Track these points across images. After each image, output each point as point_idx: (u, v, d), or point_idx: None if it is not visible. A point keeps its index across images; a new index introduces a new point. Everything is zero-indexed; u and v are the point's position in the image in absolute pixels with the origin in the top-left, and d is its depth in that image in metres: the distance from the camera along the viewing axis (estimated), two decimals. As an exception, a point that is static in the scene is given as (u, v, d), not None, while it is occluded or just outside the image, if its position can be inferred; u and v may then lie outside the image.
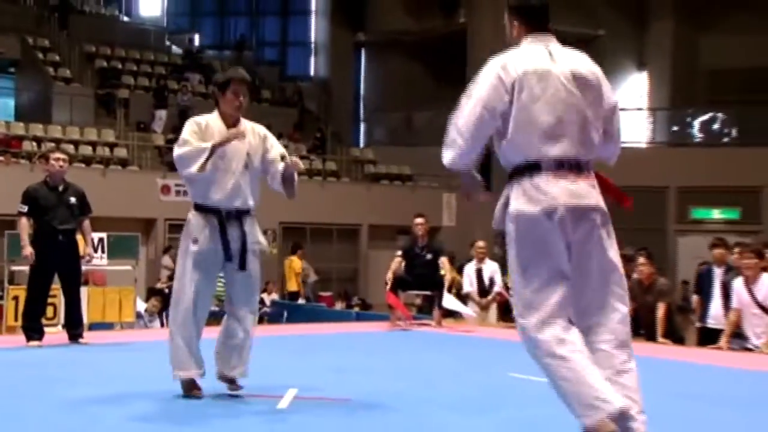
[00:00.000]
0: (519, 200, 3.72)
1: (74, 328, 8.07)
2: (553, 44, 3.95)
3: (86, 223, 8.18)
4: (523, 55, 3.87)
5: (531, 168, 3.72)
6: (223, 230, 5.08)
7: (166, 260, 17.05)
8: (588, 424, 3.58)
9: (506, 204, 3.82)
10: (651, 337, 9.33)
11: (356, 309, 17.76)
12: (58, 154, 8.14)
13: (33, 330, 7.81)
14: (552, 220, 3.62)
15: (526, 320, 3.66)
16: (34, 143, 19.78)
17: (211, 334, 5.30)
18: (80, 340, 7.98)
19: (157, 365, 7.07)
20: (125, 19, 31.38)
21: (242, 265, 5.10)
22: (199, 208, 5.24)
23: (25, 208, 7.83)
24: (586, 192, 3.75)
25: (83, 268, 8.41)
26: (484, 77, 3.92)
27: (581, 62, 3.90)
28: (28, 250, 7.72)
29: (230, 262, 5.08)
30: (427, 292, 10.84)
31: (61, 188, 7.95)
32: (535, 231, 3.65)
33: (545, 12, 4.14)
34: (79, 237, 8.09)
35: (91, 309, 9.30)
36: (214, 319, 13.67)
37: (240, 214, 5.18)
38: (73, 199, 7.95)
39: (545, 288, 3.62)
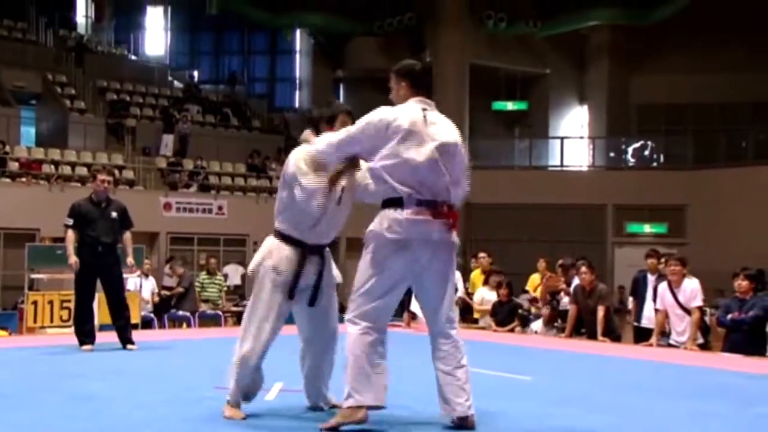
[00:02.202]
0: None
1: (124, 334, 7.71)
2: (431, 111, 4.16)
3: (127, 235, 7.94)
4: (405, 111, 4.08)
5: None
6: (300, 265, 4.39)
7: (167, 269, 16.91)
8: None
9: None
10: (592, 335, 9.37)
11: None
12: (103, 176, 7.90)
13: (84, 335, 7.59)
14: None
15: None
16: (52, 166, 19.61)
17: (210, 334, 5.24)
18: (128, 346, 7.61)
19: (161, 362, 7.04)
20: (133, 57, 31.20)
21: (312, 302, 4.49)
22: (285, 238, 4.44)
23: (71, 222, 7.64)
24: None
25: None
26: (373, 118, 4.10)
27: (448, 131, 4.16)
28: (72, 259, 7.50)
29: (292, 299, 4.41)
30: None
31: (104, 204, 7.76)
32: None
33: (430, 82, 4.40)
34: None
35: (102, 312, 9.20)
36: (212, 321, 13.60)
37: (322, 249, 4.60)
38: (114, 214, 7.75)
39: None
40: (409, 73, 4.29)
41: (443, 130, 4.11)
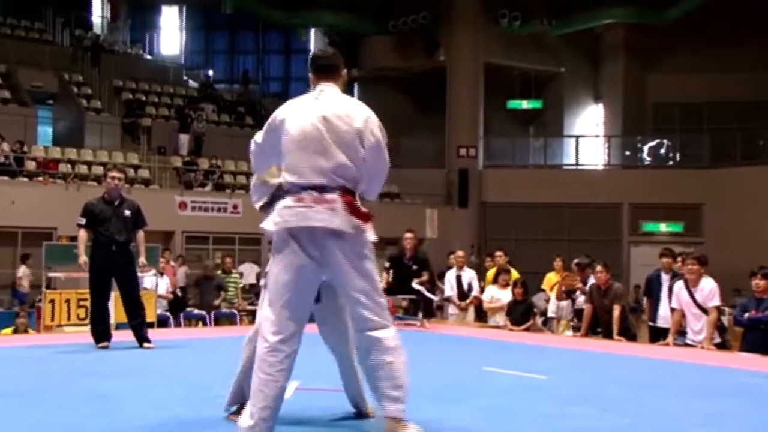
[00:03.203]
0: None
1: (139, 333, 7.68)
2: (329, 91, 3.92)
3: (140, 234, 7.90)
4: (295, 101, 3.94)
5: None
6: None
7: (183, 268, 16.97)
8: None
9: None
10: (608, 334, 9.33)
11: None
12: (114, 173, 7.90)
13: (100, 333, 7.59)
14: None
15: None
16: (69, 165, 19.70)
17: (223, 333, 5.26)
18: (145, 344, 7.57)
19: (176, 361, 7.07)
20: (148, 57, 31.33)
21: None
22: None
23: (83, 221, 7.64)
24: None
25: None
26: (268, 122, 3.97)
27: (340, 107, 3.83)
28: (82, 259, 7.52)
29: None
30: (413, 297, 10.81)
31: (116, 203, 7.71)
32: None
33: (330, 65, 4.04)
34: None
35: (118, 310, 9.24)
36: (227, 319, 13.61)
37: None
38: (127, 213, 7.71)
39: None
40: (313, 60, 4.07)
41: (333, 104, 3.83)
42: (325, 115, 3.76)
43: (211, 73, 32.05)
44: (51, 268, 12.13)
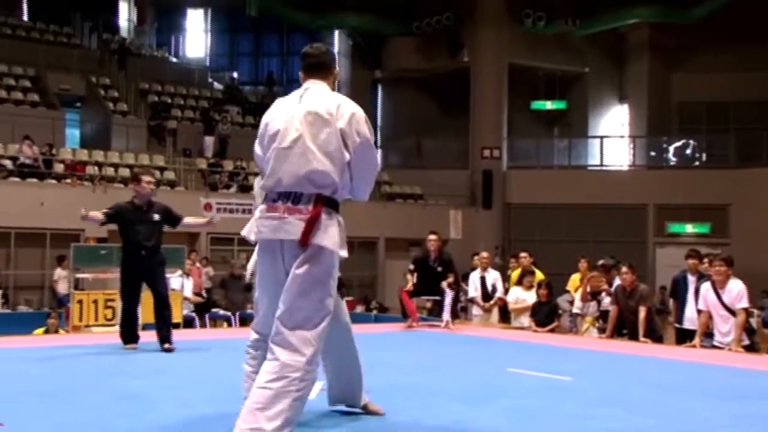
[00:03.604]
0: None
1: (162, 333, 7.57)
2: (315, 88, 3.79)
3: (185, 219, 7.88)
4: (281, 101, 3.87)
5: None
6: None
7: (207, 269, 17.06)
8: None
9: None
10: (633, 336, 9.27)
11: (375, 312, 17.72)
12: (147, 177, 7.75)
13: (128, 335, 7.62)
14: None
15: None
16: (96, 167, 19.90)
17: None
18: (165, 345, 7.43)
19: (203, 361, 7.12)
20: (174, 60, 31.57)
21: None
22: None
23: (109, 212, 7.52)
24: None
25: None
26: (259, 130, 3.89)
27: (323, 106, 3.66)
28: (86, 211, 7.34)
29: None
30: (437, 298, 10.80)
31: (145, 208, 7.60)
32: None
33: (320, 62, 3.94)
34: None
35: (145, 311, 9.33)
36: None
37: None
38: (156, 216, 7.61)
39: None
40: (303, 57, 3.96)
41: (315, 104, 3.66)
42: (306, 117, 3.62)
43: (235, 75, 32.21)
44: (79, 269, 12.27)
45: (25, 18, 28.37)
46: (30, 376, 5.80)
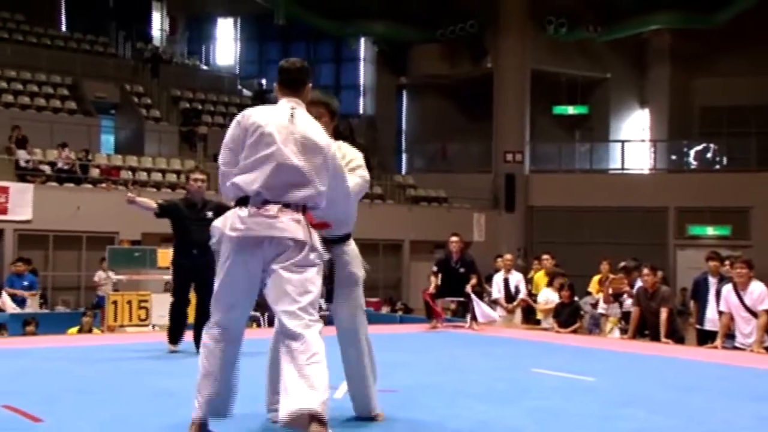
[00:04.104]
0: None
1: (200, 338, 7.48)
2: (301, 112, 3.86)
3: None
4: (268, 111, 3.86)
5: None
6: None
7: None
8: None
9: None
10: (655, 337, 9.19)
11: (400, 313, 17.71)
12: (196, 174, 7.54)
13: (172, 335, 7.40)
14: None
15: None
16: (130, 172, 20.09)
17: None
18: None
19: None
20: (204, 67, 31.77)
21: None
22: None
23: (162, 203, 7.42)
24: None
25: None
26: (232, 128, 3.90)
27: (313, 134, 3.79)
28: (135, 195, 7.25)
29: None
30: (461, 299, 10.77)
31: (199, 206, 7.35)
32: None
33: (296, 79, 3.98)
34: None
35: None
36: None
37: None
38: (210, 214, 7.20)
39: None
40: (280, 72, 4.00)
41: (307, 130, 3.77)
42: (302, 141, 3.72)
43: (264, 82, 32.34)
44: (114, 270, 12.40)
45: (63, 29, 28.69)
46: (68, 375, 5.87)
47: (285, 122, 3.77)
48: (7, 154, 18.81)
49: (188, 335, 7.48)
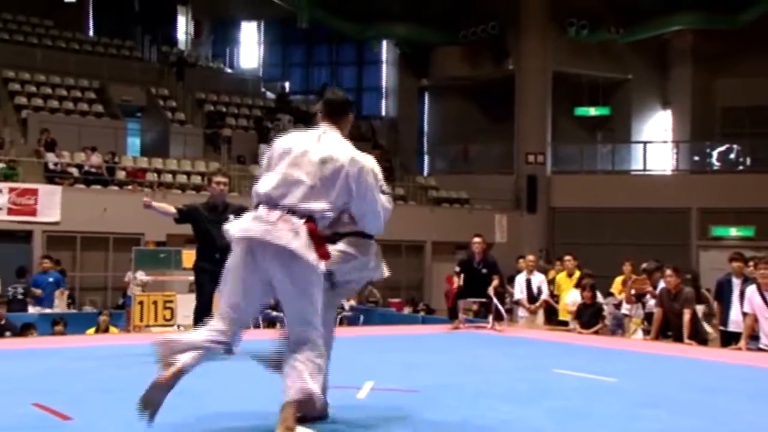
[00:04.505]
0: None
1: None
2: (331, 134, 4.07)
3: None
4: (299, 134, 4.14)
5: None
6: None
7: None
8: None
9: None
10: (678, 338, 9.11)
11: (422, 313, 17.69)
12: (219, 178, 7.37)
13: None
14: None
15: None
16: (155, 174, 20.23)
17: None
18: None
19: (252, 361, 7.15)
20: (229, 70, 31.96)
21: None
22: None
23: (181, 207, 7.25)
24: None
25: None
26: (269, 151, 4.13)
27: (337, 149, 3.97)
28: (150, 199, 7.10)
29: None
30: (483, 300, 10.74)
31: (220, 209, 7.21)
32: None
33: (336, 109, 4.24)
34: None
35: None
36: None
37: None
38: (231, 217, 6.71)
39: None
40: (324, 103, 4.29)
41: (332, 150, 3.96)
42: (323, 158, 3.90)
43: (287, 84, 32.49)
44: (144, 271, 12.48)
45: (91, 34, 28.98)
46: (95, 374, 5.92)
47: (311, 141, 4.01)
48: (36, 157, 19.04)
49: None
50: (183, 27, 33.38)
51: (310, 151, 3.93)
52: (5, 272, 14.44)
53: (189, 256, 11.11)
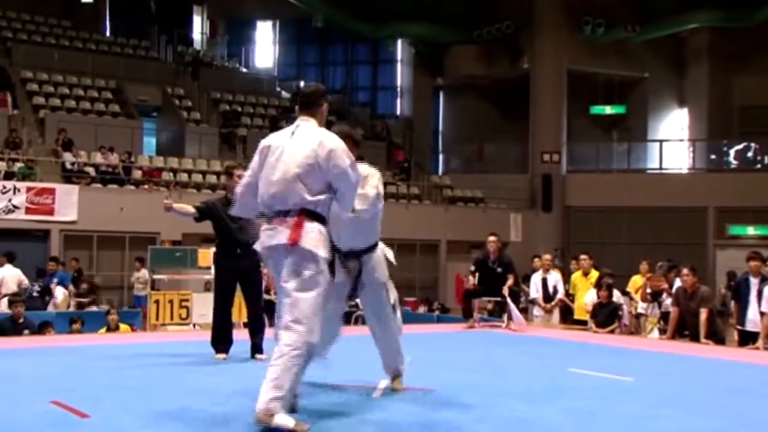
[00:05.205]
0: None
1: (254, 341, 6.86)
2: (304, 126, 4.37)
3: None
4: (276, 134, 4.45)
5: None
6: None
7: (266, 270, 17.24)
8: None
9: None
10: (694, 338, 9.06)
11: (437, 312, 17.68)
12: (240, 171, 6.63)
13: (218, 343, 6.83)
14: None
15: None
16: (171, 173, 20.32)
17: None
18: (257, 356, 6.74)
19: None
20: (244, 70, 32.04)
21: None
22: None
23: (199, 205, 7.01)
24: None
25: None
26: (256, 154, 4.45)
27: (309, 143, 4.24)
28: (170, 200, 6.82)
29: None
30: (498, 299, 10.71)
31: None
32: None
33: (307, 101, 4.51)
34: None
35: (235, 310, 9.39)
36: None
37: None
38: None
39: None
40: (299, 97, 4.58)
41: (303, 141, 4.25)
42: (293, 152, 4.21)
43: (302, 84, 32.51)
44: (155, 270, 12.55)
45: (108, 34, 29.15)
46: (112, 372, 5.95)
47: (285, 139, 4.32)
48: (53, 157, 19.17)
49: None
50: (198, 27, 33.52)
51: (285, 149, 4.23)
52: (23, 271, 14.54)
53: (205, 255, 11.18)
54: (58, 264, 14.65)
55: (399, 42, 30.54)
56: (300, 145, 4.23)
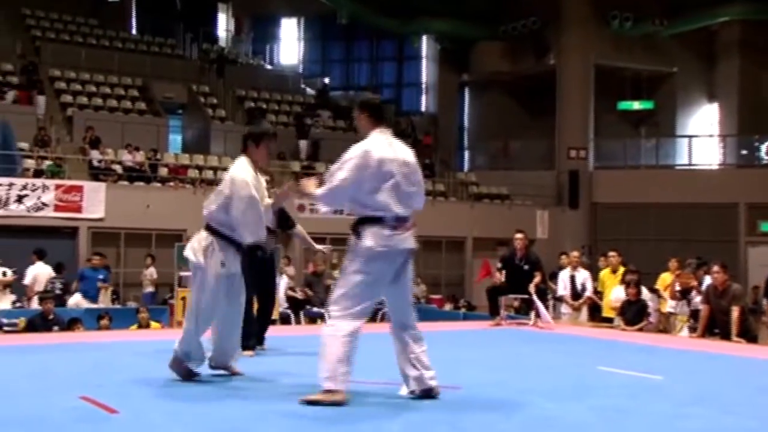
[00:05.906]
0: None
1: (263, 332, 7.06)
2: (390, 137, 4.70)
3: (298, 227, 7.57)
4: (378, 144, 4.61)
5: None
6: None
7: (289, 268, 17.25)
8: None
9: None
10: (725, 336, 8.97)
11: (463, 310, 17.64)
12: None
13: (245, 339, 6.51)
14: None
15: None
16: (197, 171, 20.46)
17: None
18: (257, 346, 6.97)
19: (297, 356, 7.20)
20: (269, 67, 32.16)
21: None
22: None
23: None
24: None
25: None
26: (354, 156, 4.58)
27: (407, 151, 4.74)
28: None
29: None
30: (525, 296, 10.67)
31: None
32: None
33: (381, 113, 4.82)
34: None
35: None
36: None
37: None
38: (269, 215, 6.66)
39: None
40: (369, 106, 4.79)
41: (404, 151, 4.69)
42: (405, 160, 4.67)
43: (327, 80, 32.59)
44: (182, 267, 12.62)
45: (134, 32, 29.42)
46: (140, 368, 6.01)
47: (389, 149, 4.67)
48: (81, 155, 19.38)
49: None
50: (224, 24, 33.69)
51: (394, 158, 4.63)
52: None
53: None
54: (102, 258, 14.77)
55: (424, 38, 30.49)
56: (410, 157, 4.70)
